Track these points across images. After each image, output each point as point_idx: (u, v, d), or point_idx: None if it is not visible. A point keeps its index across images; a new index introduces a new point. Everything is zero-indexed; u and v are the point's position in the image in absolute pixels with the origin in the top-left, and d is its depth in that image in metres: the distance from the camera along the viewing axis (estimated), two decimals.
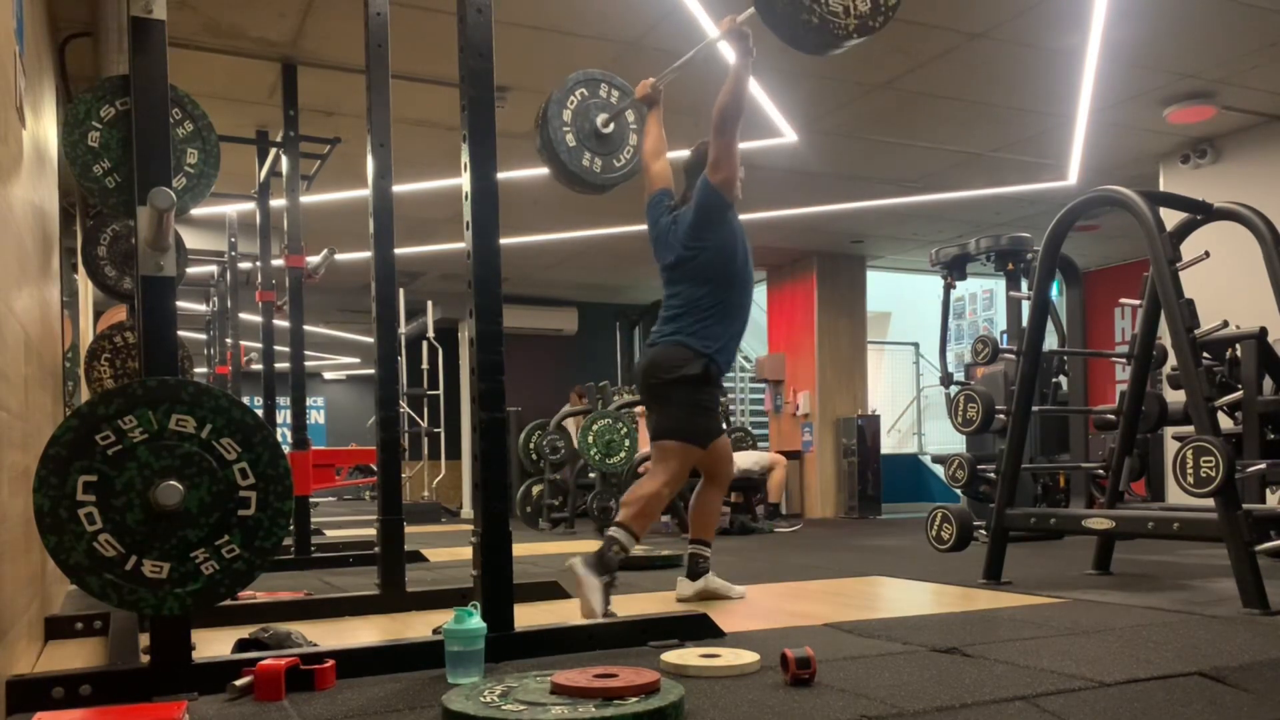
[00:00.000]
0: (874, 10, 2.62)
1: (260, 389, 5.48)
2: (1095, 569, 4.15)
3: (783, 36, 2.62)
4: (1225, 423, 3.97)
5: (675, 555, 4.85)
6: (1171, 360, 3.75)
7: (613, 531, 3.22)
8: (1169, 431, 5.71)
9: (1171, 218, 3.58)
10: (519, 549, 2.63)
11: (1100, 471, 4.60)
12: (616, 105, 3.56)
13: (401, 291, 8.64)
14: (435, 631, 2.36)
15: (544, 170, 3.56)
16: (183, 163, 2.45)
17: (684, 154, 3.66)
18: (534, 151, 3.48)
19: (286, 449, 2.77)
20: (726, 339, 3.43)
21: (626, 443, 6.89)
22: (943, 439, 11.71)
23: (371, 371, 3.54)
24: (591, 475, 7.23)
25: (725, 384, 7.97)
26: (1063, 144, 6.44)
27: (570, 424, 8.07)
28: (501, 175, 2.56)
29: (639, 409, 7.56)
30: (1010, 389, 4.45)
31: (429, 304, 9.89)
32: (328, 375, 17.79)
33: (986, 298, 11.88)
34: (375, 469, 3.58)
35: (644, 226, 3.66)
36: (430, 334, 9.91)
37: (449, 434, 10.99)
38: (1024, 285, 6.27)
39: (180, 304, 2.36)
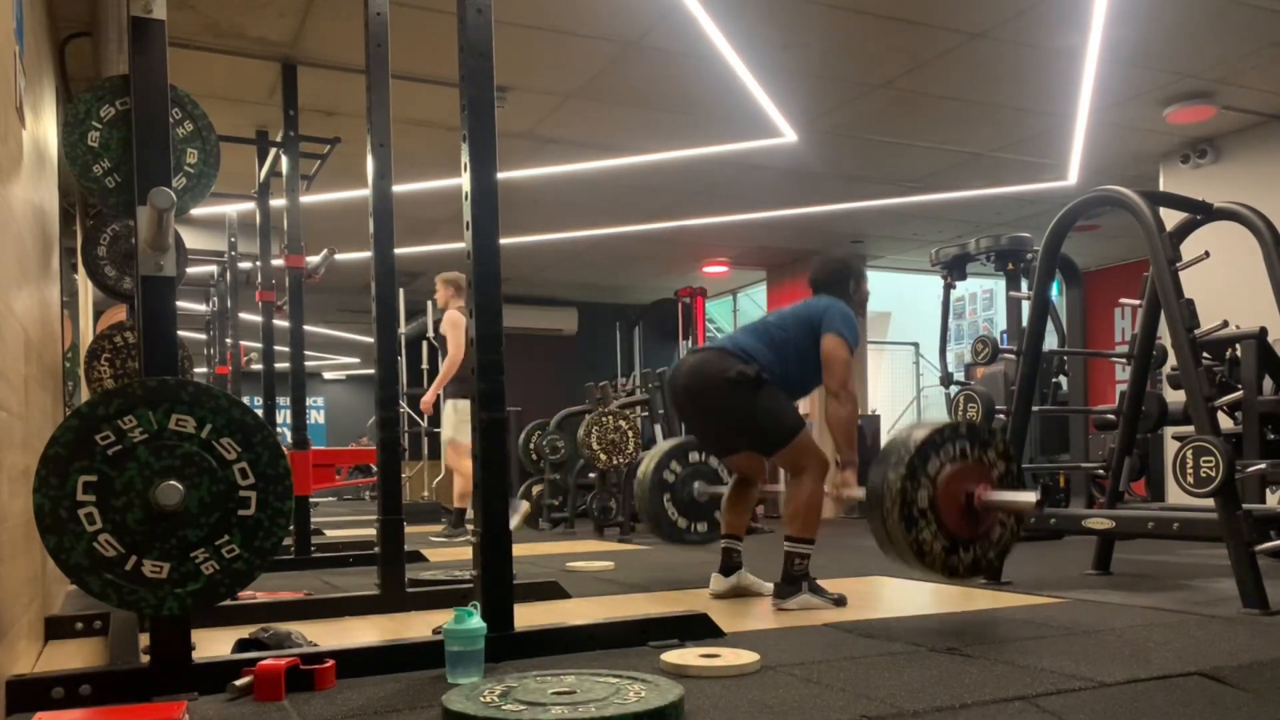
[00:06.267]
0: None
1: (260, 389, 5.48)
2: (1095, 569, 4.15)
3: None
4: (1225, 423, 3.97)
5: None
6: (1171, 360, 3.75)
7: (788, 548, 3.31)
8: (1169, 431, 5.71)
9: (1171, 218, 3.58)
10: (519, 549, 2.62)
11: (1100, 471, 4.60)
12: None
13: (401, 291, 8.64)
14: (435, 631, 2.36)
15: (544, 170, 3.58)
16: (183, 163, 2.45)
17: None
18: (534, 151, 3.48)
19: (286, 449, 2.77)
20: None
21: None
22: None
23: (371, 371, 3.54)
24: (591, 475, 7.23)
25: None
26: (1063, 144, 6.44)
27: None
28: (501, 175, 2.57)
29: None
30: (1010, 389, 4.45)
31: (429, 304, 9.88)
32: (328, 375, 17.79)
33: (986, 298, 11.87)
34: (375, 469, 3.58)
35: (642, 226, 3.67)
36: (430, 334, 9.90)
37: None
38: (1024, 285, 6.27)
39: (180, 304, 2.35)
